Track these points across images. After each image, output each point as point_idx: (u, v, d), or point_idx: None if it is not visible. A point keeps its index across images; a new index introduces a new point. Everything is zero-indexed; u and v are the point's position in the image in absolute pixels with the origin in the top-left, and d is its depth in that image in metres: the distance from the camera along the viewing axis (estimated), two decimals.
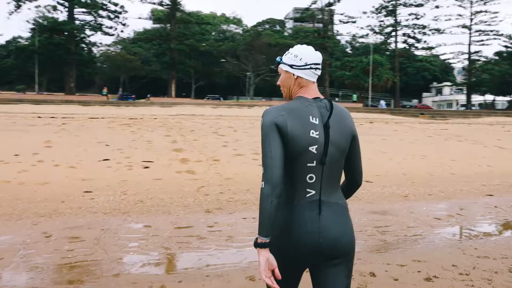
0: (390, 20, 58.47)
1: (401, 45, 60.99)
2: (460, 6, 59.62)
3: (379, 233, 5.92)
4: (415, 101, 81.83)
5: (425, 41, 59.15)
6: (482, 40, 60.29)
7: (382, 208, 7.32)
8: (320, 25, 68.31)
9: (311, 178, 1.94)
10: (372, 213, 6.98)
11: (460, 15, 59.32)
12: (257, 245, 1.88)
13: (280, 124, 1.90)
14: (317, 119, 1.95)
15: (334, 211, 1.98)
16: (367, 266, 4.56)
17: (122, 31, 66.13)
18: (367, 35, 59.98)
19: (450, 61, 62.99)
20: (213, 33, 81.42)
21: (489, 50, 70.09)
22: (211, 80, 73.17)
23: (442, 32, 58.62)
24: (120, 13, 58.37)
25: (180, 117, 24.38)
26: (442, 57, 62.10)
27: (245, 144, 13.62)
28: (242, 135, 15.72)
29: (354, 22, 56.94)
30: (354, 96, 60.86)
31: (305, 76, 2.02)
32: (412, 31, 58.39)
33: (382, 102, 59.14)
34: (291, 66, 2.04)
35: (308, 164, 1.92)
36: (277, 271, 1.86)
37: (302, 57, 2.02)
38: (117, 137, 13.70)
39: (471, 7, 59.40)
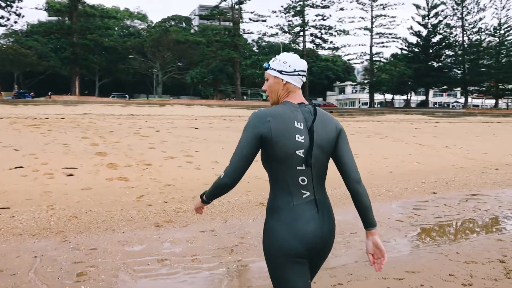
0: (298, 20, 59.92)
1: (309, 45, 62.86)
2: (362, 9, 62.95)
3: (356, 242, 5.52)
4: (320, 100, 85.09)
5: (331, 42, 61.43)
6: (382, 42, 64.10)
7: (341, 213, 6.96)
8: (227, 23, 68.18)
9: (303, 180, 2.03)
10: None
11: (362, 18, 62.58)
12: (203, 200, 2.30)
13: (263, 133, 1.98)
14: (302, 124, 2.03)
15: (327, 209, 2.11)
16: (365, 283, 4.10)
17: (16, 22, 60.24)
18: (276, 34, 60.58)
19: (354, 61, 66.16)
20: (116, 29, 77.67)
21: (389, 51, 75.76)
22: (116, 77, 69.66)
23: (347, 34, 61.36)
24: (13, 1, 53.11)
25: (90, 117, 22.55)
26: (346, 58, 65.08)
27: (173, 145, 12.72)
28: (167, 135, 14.75)
29: (264, 20, 57.45)
30: (264, 95, 61.53)
31: (293, 82, 2.13)
32: (320, 32, 60.35)
33: None
34: (280, 72, 2.13)
35: (298, 168, 2.01)
36: (202, 210, 2.45)
37: (291, 63, 2.13)
38: (25, 140, 12.03)
39: (372, 10, 62.92)
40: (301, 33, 60.65)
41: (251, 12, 56.84)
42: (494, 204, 8.02)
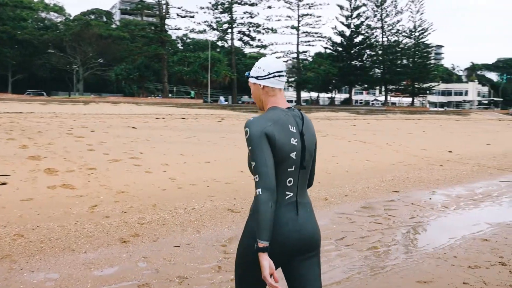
0: (226, 17, 59.22)
1: (237, 43, 62.43)
2: (289, 8, 63.53)
3: (347, 248, 5.11)
4: (245, 97, 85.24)
5: (259, 40, 61.46)
6: (308, 41, 65.24)
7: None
8: (150, 18, 65.99)
9: (290, 181, 2.06)
10: None
11: (289, 17, 63.21)
12: (260, 250, 1.92)
13: (269, 134, 1.99)
14: (294, 127, 2.08)
15: (307, 210, 2.13)
16: None
17: None
18: (204, 30, 59.29)
19: (281, 59, 66.41)
20: (31, 21, 72.30)
21: (316, 50, 77.62)
22: (31, 73, 64.72)
23: (275, 32, 61.64)
24: None
25: (8, 116, 20.46)
26: (274, 56, 65.28)
27: (114, 146, 11.69)
28: (104, 136, 13.60)
29: (192, 16, 56.05)
30: (192, 93, 60.29)
31: (270, 85, 2.13)
32: (248, 29, 60.10)
33: (222, 98, 59.81)
34: (256, 77, 2.16)
35: (289, 169, 2.05)
36: (275, 274, 1.92)
37: (265, 67, 2.13)
38: None
39: (298, 9, 63.76)
40: (229, 31, 60.01)
41: (179, 8, 55.27)
42: (458, 201, 8.05)
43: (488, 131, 28.43)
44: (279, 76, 2.13)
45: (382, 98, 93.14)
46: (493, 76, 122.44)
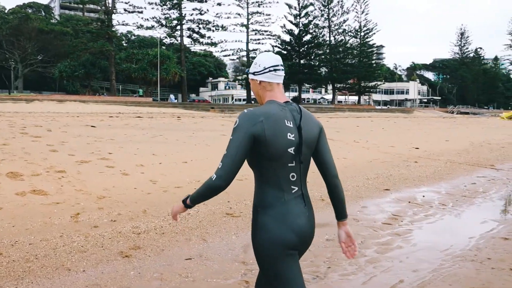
0: (175, 14, 57.77)
1: (186, 40, 61.13)
2: (239, 5, 63.08)
3: (374, 253, 4.68)
4: (193, 96, 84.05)
5: (209, 37, 60.45)
6: (258, 39, 65.13)
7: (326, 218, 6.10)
8: (92, 14, 63.42)
9: (293, 176, 2.08)
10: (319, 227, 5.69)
11: (238, 14, 62.84)
12: (186, 205, 2.11)
13: (257, 133, 1.98)
14: (291, 122, 2.07)
15: (310, 202, 2.17)
16: None
17: None
18: (153, 27, 57.53)
19: (231, 57, 65.90)
20: None
21: (266, 48, 76.82)
22: None
23: (225, 29, 60.92)
24: None
25: None
26: (223, 53, 64.63)
27: (78, 147, 10.72)
28: (63, 135, 12.51)
29: (140, 12, 54.25)
30: (140, 91, 58.49)
31: (266, 79, 2.13)
32: (197, 26, 58.98)
33: (172, 97, 58.40)
34: (253, 73, 2.16)
35: (289, 164, 2.06)
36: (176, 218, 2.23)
37: (261, 62, 2.14)
38: None
39: (247, 7, 63.44)
40: (178, 27, 58.64)
41: (126, 3, 53.29)
42: (451, 198, 7.89)
43: (441, 128, 29.35)
44: (275, 70, 2.13)
45: (328, 97, 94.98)
46: (430, 75, 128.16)
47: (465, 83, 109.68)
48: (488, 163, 13.20)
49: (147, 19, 56.26)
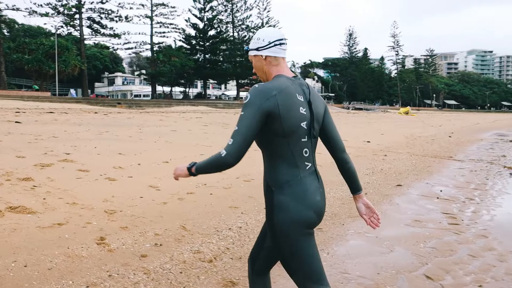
0: (74, 1, 52.82)
1: (87, 30, 56.31)
2: None
3: (455, 266, 3.86)
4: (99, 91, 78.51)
5: (111, 28, 56.30)
6: (164, 32, 62.26)
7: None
8: None
9: (306, 152, 2.02)
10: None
11: (142, 5, 59.41)
12: (190, 172, 2.00)
13: (270, 108, 1.90)
14: (302, 96, 2.02)
15: (321, 178, 2.12)
16: None
17: None
18: (47, 14, 52.02)
19: (134, 50, 62.13)
20: None
21: (170, 42, 74.44)
22: None
23: (128, 20, 57.16)
24: None
25: None
26: (126, 46, 60.48)
27: (20, 147, 8.64)
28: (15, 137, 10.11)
29: None
30: (36, 86, 52.72)
31: (272, 54, 2.06)
32: (99, 16, 54.57)
33: (72, 91, 53.54)
34: (257, 49, 2.08)
35: (302, 140, 2.00)
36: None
37: (264, 37, 2.06)
38: None
39: None
40: (77, 16, 53.80)
41: None
42: (470, 192, 7.47)
43: (364, 123, 30.24)
44: (280, 44, 2.06)
45: (228, 93, 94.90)
46: (321, 73, 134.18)
47: (355, 81, 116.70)
48: (446, 155, 13.38)
49: (41, 5, 50.79)
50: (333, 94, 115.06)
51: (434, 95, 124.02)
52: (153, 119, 19.37)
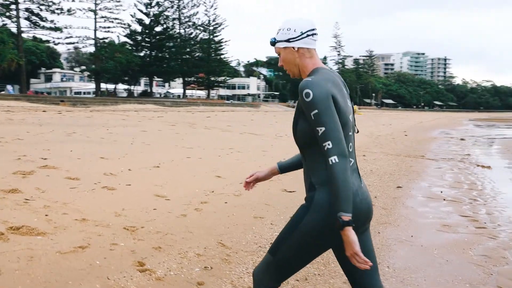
0: None
1: (24, 23, 52.58)
2: None
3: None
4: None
5: (52, 21, 53.05)
6: (108, 27, 59.63)
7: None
8: None
9: (350, 147, 1.89)
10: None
11: None
12: (346, 223, 1.69)
13: (334, 96, 1.82)
14: (344, 89, 1.96)
15: (361, 176, 1.98)
16: None
17: None
18: None
19: (76, 45, 58.97)
20: None
21: (114, 37, 71.49)
22: None
23: (71, 13, 54.05)
24: None
25: None
26: (68, 40, 57.25)
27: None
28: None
29: None
30: (8, 88, 48.77)
31: (305, 45, 1.95)
32: (38, 7, 51.24)
33: (9, 88, 50.08)
34: (287, 40, 1.95)
35: (349, 134, 1.89)
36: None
37: (296, 27, 1.94)
38: None
39: None
40: (14, 6, 50.23)
41: None
42: (469, 192, 7.47)
43: None
44: (313, 35, 1.94)
45: (172, 91, 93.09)
46: (265, 72, 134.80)
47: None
48: (417, 154, 13.57)
49: None
50: (278, 93, 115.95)
51: (374, 94, 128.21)
52: (115, 118, 18.35)
